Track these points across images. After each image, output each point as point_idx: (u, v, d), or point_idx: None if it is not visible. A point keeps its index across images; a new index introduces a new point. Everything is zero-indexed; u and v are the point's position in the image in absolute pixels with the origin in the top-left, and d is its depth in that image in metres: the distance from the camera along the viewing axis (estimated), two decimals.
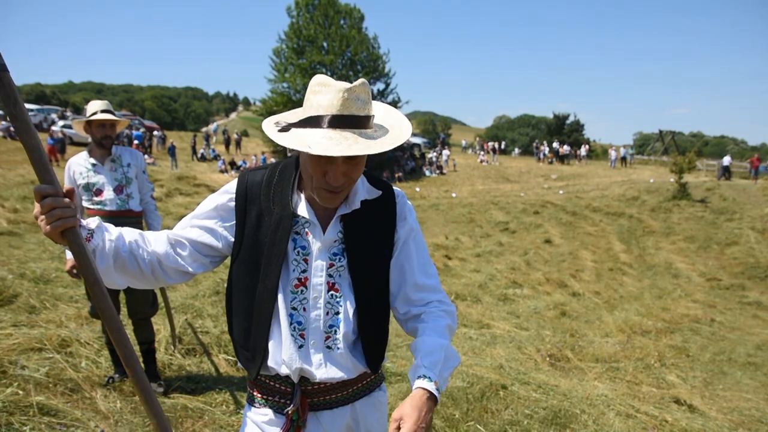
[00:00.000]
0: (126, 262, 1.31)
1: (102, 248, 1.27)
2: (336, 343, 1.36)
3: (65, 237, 1.16)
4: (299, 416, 1.38)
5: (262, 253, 1.35)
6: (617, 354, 6.46)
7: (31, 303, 4.64)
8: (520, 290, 10.19)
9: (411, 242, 1.46)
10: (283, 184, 1.38)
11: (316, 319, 1.35)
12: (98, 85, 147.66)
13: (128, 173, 3.54)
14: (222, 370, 4.04)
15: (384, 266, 1.43)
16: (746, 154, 53.72)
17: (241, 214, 1.37)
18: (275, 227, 1.34)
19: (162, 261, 1.36)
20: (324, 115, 1.19)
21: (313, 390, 1.39)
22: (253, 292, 1.36)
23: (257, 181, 1.39)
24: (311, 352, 1.35)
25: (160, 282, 1.39)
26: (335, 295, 1.37)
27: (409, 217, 1.46)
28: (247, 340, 1.39)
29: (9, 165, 17.39)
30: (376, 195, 1.40)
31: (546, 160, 36.38)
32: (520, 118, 77.04)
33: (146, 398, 1.24)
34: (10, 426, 2.63)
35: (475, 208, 19.45)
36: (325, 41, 32.17)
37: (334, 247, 1.37)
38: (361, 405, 1.46)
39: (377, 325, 1.43)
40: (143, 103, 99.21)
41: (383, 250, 1.42)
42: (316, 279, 1.35)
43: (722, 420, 4.54)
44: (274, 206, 1.36)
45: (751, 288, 12.20)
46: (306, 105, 1.25)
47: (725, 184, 22.00)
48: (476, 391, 4.01)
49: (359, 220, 1.38)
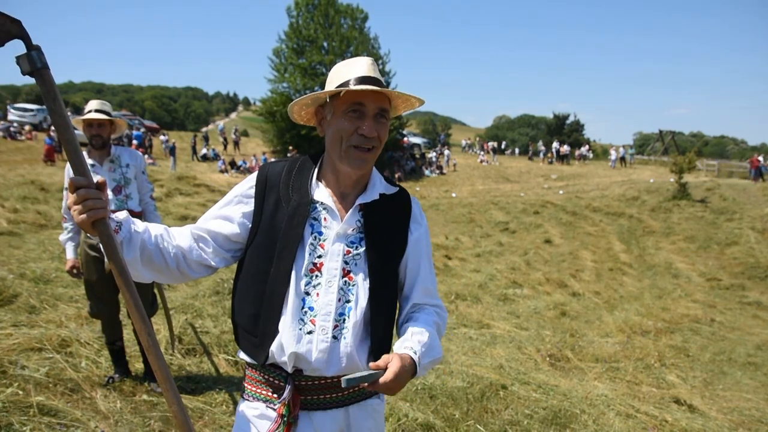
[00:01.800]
0: (153, 255, 1.34)
1: (129, 240, 1.31)
2: (344, 333, 1.36)
3: (96, 227, 1.20)
4: (290, 411, 1.36)
5: (277, 238, 1.38)
6: (617, 354, 6.46)
7: (31, 303, 4.64)
8: (520, 290, 10.19)
9: (424, 245, 1.50)
10: (303, 174, 1.44)
11: (327, 305, 1.35)
12: (98, 85, 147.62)
13: (127, 174, 3.52)
14: (222, 370, 4.04)
15: (397, 263, 1.46)
16: (746, 154, 53.72)
17: (260, 199, 1.42)
18: (292, 213, 1.38)
19: (186, 255, 1.39)
20: (350, 78, 1.34)
21: (306, 386, 1.38)
22: (266, 276, 1.38)
23: (278, 170, 1.45)
24: (319, 339, 1.34)
25: (185, 276, 1.42)
26: (348, 282, 1.38)
27: (422, 220, 1.54)
28: (256, 325, 1.39)
29: (9, 165, 17.39)
30: (393, 191, 1.48)
31: (546, 160, 36.36)
32: (520, 118, 77.14)
33: (168, 387, 1.26)
34: (10, 426, 2.63)
35: (475, 208, 19.45)
36: (325, 41, 32.15)
37: (351, 235, 1.40)
38: (355, 410, 1.44)
39: (386, 322, 1.43)
40: (143, 103, 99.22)
41: (398, 246, 1.46)
42: (331, 263, 1.37)
43: (722, 420, 4.54)
44: (293, 193, 1.41)
45: (751, 288, 12.20)
46: (332, 83, 1.39)
47: (725, 184, 21.99)
48: (476, 391, 4.01)
49: (378, 212, 1.43)
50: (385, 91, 1.34)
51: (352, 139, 1.34)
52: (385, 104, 1.38)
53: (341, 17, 32.57)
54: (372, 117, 1.35)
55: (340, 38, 31.75)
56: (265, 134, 35.91)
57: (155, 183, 15.28)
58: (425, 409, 3.59)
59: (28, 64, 1.13)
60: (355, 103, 1.34)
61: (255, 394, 1.44)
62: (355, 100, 1.34)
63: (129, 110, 57.93)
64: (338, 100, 1.36)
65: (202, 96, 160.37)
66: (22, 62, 1.14)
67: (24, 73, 1.15)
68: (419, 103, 1.47)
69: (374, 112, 1.35)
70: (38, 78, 1.15)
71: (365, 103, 1.34)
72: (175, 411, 1.27)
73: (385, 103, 1.38)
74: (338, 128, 1.35)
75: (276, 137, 31.58)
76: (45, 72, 1.15)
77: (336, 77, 1.38)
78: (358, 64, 1.37)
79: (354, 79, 1.33)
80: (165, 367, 1.25)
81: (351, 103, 1.34)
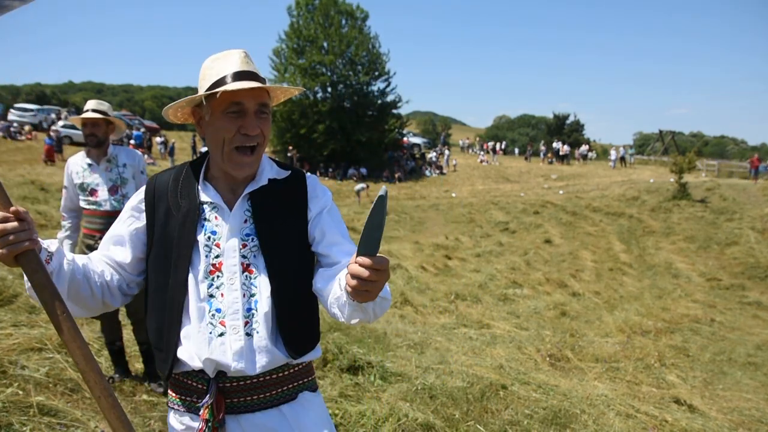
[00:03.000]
0: (80, 287, 1.29)
1: (58, 271, 1.25)
2: (255, 328, 1.32)
3: (19, 261, 1.15)
4: (214, 416, 1.31)
5: (172, 248, 1.34)
6: (617, 354, 6.46)
7: (31, 303, 4.63)
8: (520, 290, 10.19)
9: (327, 216, 1.42)
10: (190, 178, 1.40)
11: (234, 303, 1.31)
12: (98, 85, 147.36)
13: (124, 173, 3.52)
14: None
15: (299, 246, 1.40)
16: (746, 154, 53.70)
17: (150, 211, 1.38)
18: (182, 219, 1.35)
19: (109, 284, 1.36)
20: (226, 74, 1.29)
21: (231, 388, 1.33)
22: (165, 288, 1.35)
23: (165, 179, 1.42)
24: (233, 339, 1.30)
25: (106, 306, 1.38)
26: (249, 276, 1.34)
27: (322, 194, 1.45)
28: (160, 338, 1.36)
29: (9, 165, 17.40)
30: (284, 175, 1.43)
31: (546, 160, 36.35)
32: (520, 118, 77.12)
33: (108, 403, 1.15)
34: (10, 426, 2.63)
35: (475, 208, 19.45)
36: (325, 41, 32.13)
37: (245, 228, 1.36)
38: (289, 409, 1.38)
39: (297, 308, 1.38)
40: (143, 103, 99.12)
41: (297, 229, 1.39)
42: (229, 261, 1.33)
43: (722, 420, 4.54)
44: (181, 200, 1.37)
45: (751, 288, 12.19)
46: (206, 80, 1.33)
47: (725, 184, 21.99)
48: (476, 391, 4.00)
49: (268, 199, 1.38)
50: (265, 87, 1.31)
51: (234, 139, 1.29)
52: (265, 98, 1.33)
53: (341, 17, 32.54)
54: (253, 114, 1.30)
55: (340, 38, 31.73)
56: None
57: None
58: (425, 409, 3.59)
59: None
60: (233, 102, 1.28)
61: (178, 401, 1.40)
62: (233, 99, 1.28)
63: (129, 110, 57.92)
64: (215, 99, 1.30)
65: None
66: None
67: None
68: (298, 91, 1.46)
69: (254, 108, 1.30)
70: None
71: (244, 102, 1.29)
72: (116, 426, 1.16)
73: (264, 97, 1.33)
74: (218, 129, 1.31)
75: (276, 137, 31.59)
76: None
77: (209, 74, 1.33)
78: (231, 59, 1.32)
79: (230, 75, 1.29)
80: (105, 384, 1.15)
81: (229, 102, 1.28)
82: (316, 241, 1.40)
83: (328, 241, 1.39)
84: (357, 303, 1.16)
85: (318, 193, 1.44)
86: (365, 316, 1.21)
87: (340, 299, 1.22)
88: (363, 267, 1.05)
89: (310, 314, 1.44)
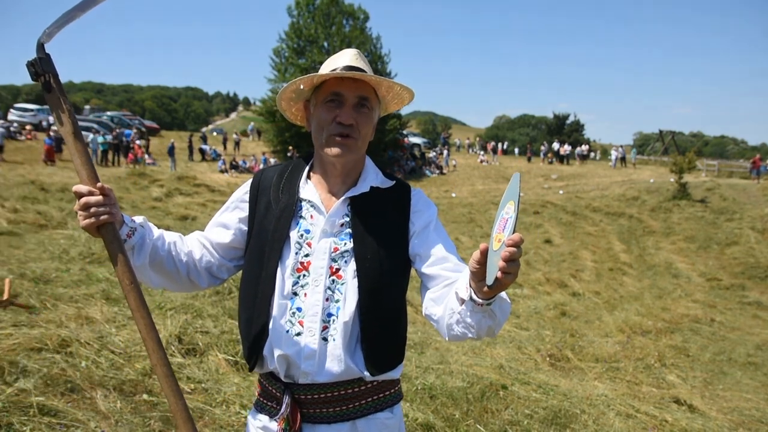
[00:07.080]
0: (164, 262, 1.35)
1: (141, 246, 1.32)
2: (333, 335, 1.29)
3: (100, 231, 1.22)
4: (290, 426, 1.31)
5: (266, 241, 1.36)
6: (617, 354, 6.47)
7: (31, 303, 4.64)
8: (520, 290, 10.19)
9: (432, 231, 1.38)
10: (294, 175, 1.43)
11: (315, 305, 1.30)
12: (98, 85, 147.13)
13: None
14: (222, 370, 4.04)
15: (395, 260, 1.35)
16: (746, 154, 53.71)
17: (253, 204, 1.42)
18: (279, 213, 1.37)
19: (197, 264, 1.40)
20: (336, 68, 1.33)
21: (306, 400, 1.32)
22: (257, 280, 1.35)
23: (270, 174, 1.45)
24: (307, 342, 1.29)
25: (194, 285, 1.42)
26: (336, 281, 1.31)
27: (427, 209, 1.42)
28: (249, 329, 1.36)
29: (9, 165, 17.40)
30: (388, 185, 1.41)
31: (546, 160, 36.34)
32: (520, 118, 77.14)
33: (170, 386, 1.21)
34: (10, 426, 2.63)
35: (475, 208, 19.46)
36: (326, 41, 32.13)
37: (340, 232, 1.34)
38: (363, 424, 1.35)
39: (384, 322, 1.33)
40: (143, 103, 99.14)
41: (395, 242, 1.36)
42: (317, 261, 1.32)
43: (722, 420, 4.54)
44: (282, 195, 1.39)
45: (751, 288, 12.20)
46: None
47: (725, 184, 21.98)
48: (476, 391, 4.00)
49: (368, 206, 1.36)
50: (362, 77, 1.30)
51: (330, 128, 1.31)
52: (367, 93, 1.33)
53: (342, 17, 32.55)
54: (351, 106, 1.31)
55: (341, 38, 31.73)
56: (265, 134, 35.94)
57: (155, 183, 15.28)
58: (425, 409, 3.59)
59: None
60: (333, 92, 1.31)
61: (260, 404, 1.42)
62: (333, 89, 1.31)
63: (129, 110, 57.94)
64: (319, 91, 1.34)
65: (202, 96, 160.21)
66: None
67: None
68: (409, 95, 1.40)
69: (353, 101, 1.31)
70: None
71: (343, 92, 1.31)
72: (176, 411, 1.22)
73: (366, 91, 1.33)
74: (318, 118, 1.34)
75: (275, 137, 31.59)
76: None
77: (321, 69, 1.38)
78: (343, 56, 1.36)
79: (341, 67, 1.33)
80: (167, 363, 1.22)
81: (329, 92, 1.32)
82: (421, 259, 1.36)
83: (435, 259, 1.34)
84: (485, 308, 1.13)
85: (421, 207, 1.41)
86: (493, 321, 1.18)
87: (463, 312, 1.18)
88: (516, 247, 1.03)
89: (397, 331, 1.39)
